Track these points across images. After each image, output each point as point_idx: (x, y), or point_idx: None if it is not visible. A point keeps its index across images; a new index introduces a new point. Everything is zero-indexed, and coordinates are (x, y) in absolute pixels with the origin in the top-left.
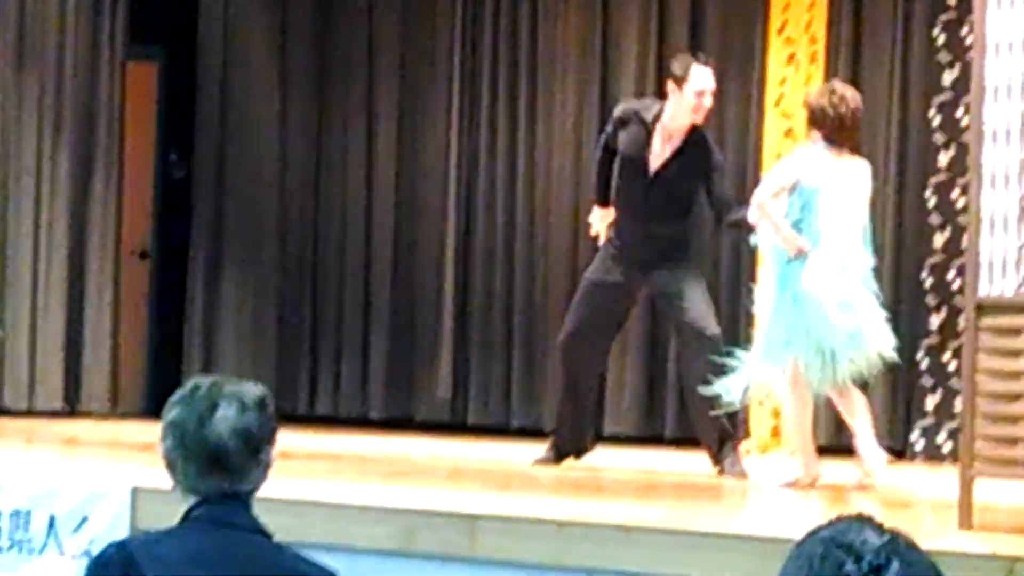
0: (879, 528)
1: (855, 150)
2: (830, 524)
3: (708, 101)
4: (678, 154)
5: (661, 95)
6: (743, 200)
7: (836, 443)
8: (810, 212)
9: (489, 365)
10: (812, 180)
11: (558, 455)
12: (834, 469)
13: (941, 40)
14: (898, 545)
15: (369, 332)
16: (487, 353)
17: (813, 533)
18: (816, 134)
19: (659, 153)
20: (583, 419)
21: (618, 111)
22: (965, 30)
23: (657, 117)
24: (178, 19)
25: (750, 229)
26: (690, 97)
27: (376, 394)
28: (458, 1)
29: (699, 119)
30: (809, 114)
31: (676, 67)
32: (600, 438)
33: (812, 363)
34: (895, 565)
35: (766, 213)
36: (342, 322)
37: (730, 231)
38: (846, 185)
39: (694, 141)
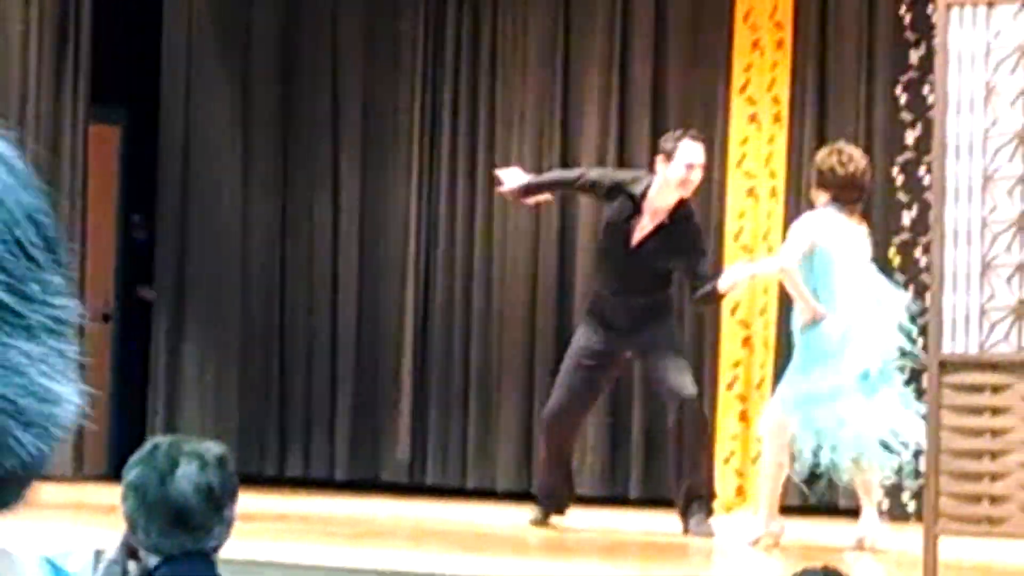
0: None
1: (860, 211)
2: None
3: (696, 176)
4: (662, 229)
5: (621, 151)
6: (717, 273)
7: (804, 503)
8: (827, 275)
9: (447, 426)
10: (826, 243)
11: (546, 515)
12: (800, 528)
13: (903, 99)
14: None
15: (335, 393)
16: (445, 414)
17: None
18: (823, 196)
19: (644, 227)
20: (567, 483)
21: (608, 181)
22: (926, 89)
23: (645, 191)
24: (140, 80)
25: (720, 299)
26: (679, 170)
27: (341, 455)
28: (419, 59)
29: (686, 193)
30: (817, 175)
31: (666, 142)
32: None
33: (804, 442)
34: None
35: (791, 279)
36: (310, 383)
37: (699, 303)
38: (857, 246)
39: (681, 218)
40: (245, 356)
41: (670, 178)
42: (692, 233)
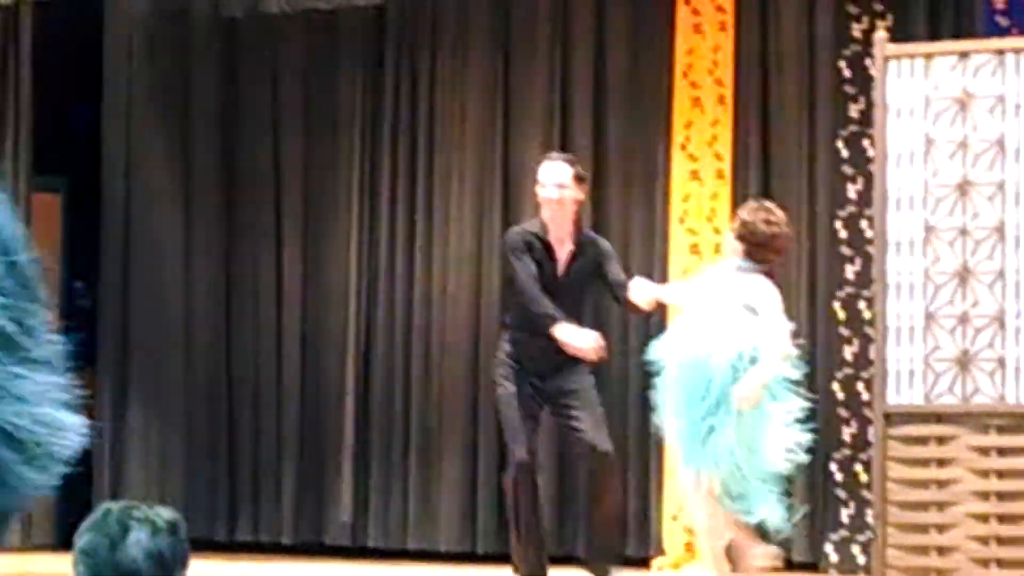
0: None
1: (773, 273)
2: None
3: (553, 193)
4: (575, 257)
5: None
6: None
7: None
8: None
9: (388, 488)
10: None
11: None
12: None
13: (845, 153)
14: None
15: (281, 456)
16: (386, 476)
17: None
18: (740, 249)
19: (560, 260)
20: (543, 543)
21: (516, 239)
22: (867, 142)
23: (544, 229)
24: (80, 149)
25: (638, 310)
26: (539, 190)
27: (288, 519)
28: (357, 121)
29: (555, 210)
30: (741, 230)
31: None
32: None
33: (727, 490)
34: None
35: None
36: (256, 446)
37: (631, 310)
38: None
39: (584, 241)
40: (190, 421)
41: (540, 201)
42: (596, 244)
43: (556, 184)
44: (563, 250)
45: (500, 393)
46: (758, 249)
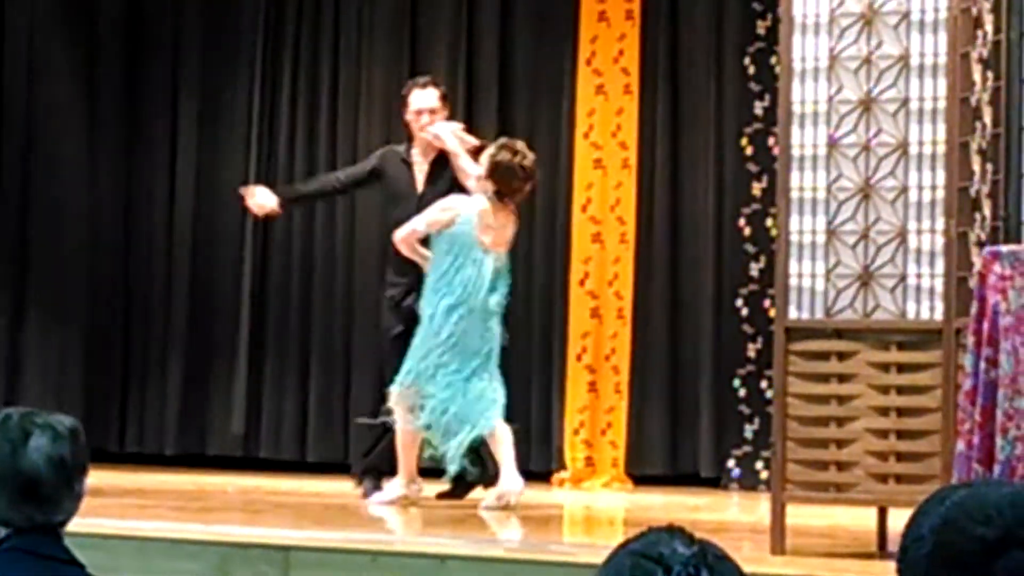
0: (689, 539)
1: (517, 210)
2: (641, 536)
3: (426, 119)
4: (431, 177)
5: (469, 127)
6: None
7: None
8: (463, 259)
9: (282, 399)
10: (472, 228)
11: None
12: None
13: (752, 70)
14: (707, 555)
15: (167, 369)
16: (280, 389)
17: (623, 545)
18: (489, 185)
19: (420, 181)
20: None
21: (375, 160)
22: (773, 59)
23: (408, 151)
24: None
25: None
26: (412, 118)
27: (170, 430)
28: (260, 33)
29: (430, 138)
30: (490, 167)
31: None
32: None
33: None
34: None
35: (411, 243)
36: (146, 359)
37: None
38: (500, 240)
39: (441, 162)
40: (88, 330)
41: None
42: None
43: (431, 111)
44: (421, 173)
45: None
46: (503, 182)
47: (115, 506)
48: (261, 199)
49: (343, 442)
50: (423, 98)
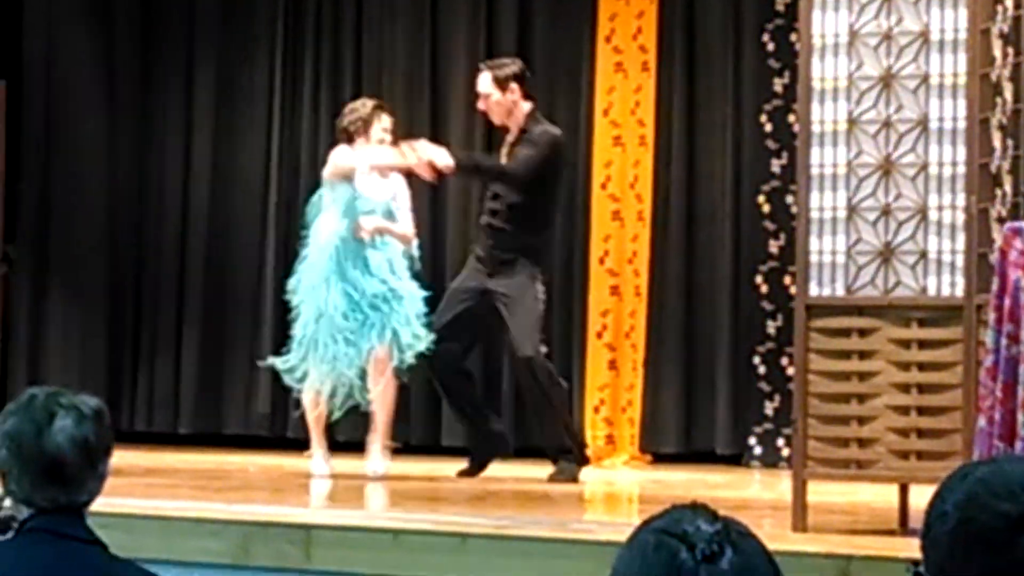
0: (713, 516)
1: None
2: (664, 513)
3: (481, 105)
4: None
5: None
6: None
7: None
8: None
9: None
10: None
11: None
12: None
13: (771, 47)
14: (731, 533)
15: (183, 348)
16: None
17: (646, 523)
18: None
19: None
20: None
21: None
22: (793, 36)
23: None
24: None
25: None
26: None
27: (186, 409)
28: (280, 23)
29: (494, 118)
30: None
31: None
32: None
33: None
34: (728, 553)
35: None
36: (162, 338)
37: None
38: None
39: (517, 141)
40: (109, 312)
41: None
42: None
43: (484, 96)
44: (505, 144)
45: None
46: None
47: (137, 485)
48: (434, 154)
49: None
50: (478, 82)
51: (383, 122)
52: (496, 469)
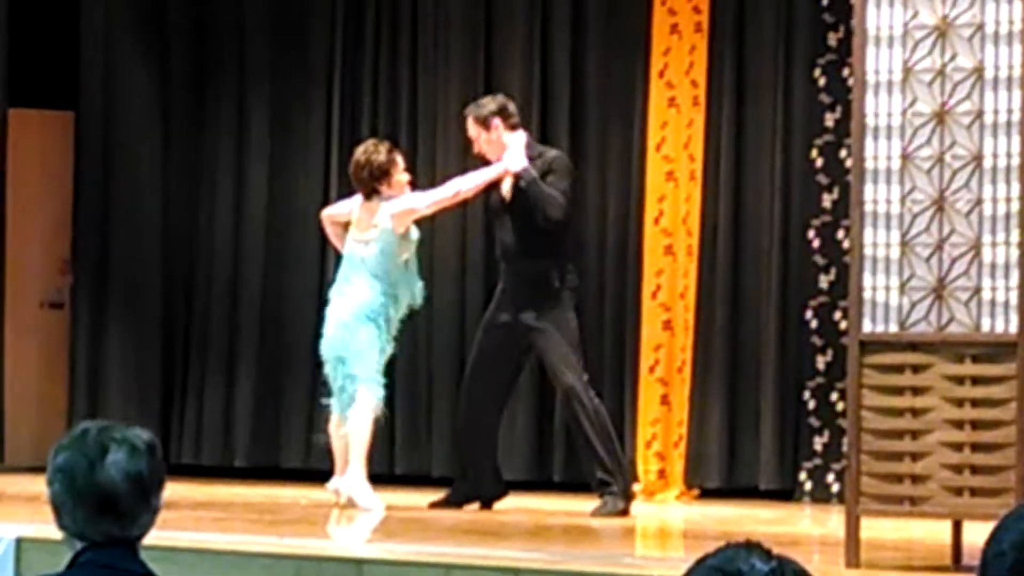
0: (767, 554)
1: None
2: (718, 552)
3: (476, 149)
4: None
5: (543, 140)
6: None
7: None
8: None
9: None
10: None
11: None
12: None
13: (822, 82)
14: (785, 571)
15: (235, 382)
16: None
17: (701, 561)
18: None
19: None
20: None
21: None
22: (845, 71)
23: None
24: (59, 73)
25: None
26: None
27: (241, 442)
28: (337, 53)
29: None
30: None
31: None
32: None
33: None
34: None
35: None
36: (220, 373)
37: None
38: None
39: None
40: (165, 347)
41: None
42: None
43: (472, 138)
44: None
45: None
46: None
47: (189, 519)
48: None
49: (428, 453)
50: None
51: (400, 164)
52: (548, 503)
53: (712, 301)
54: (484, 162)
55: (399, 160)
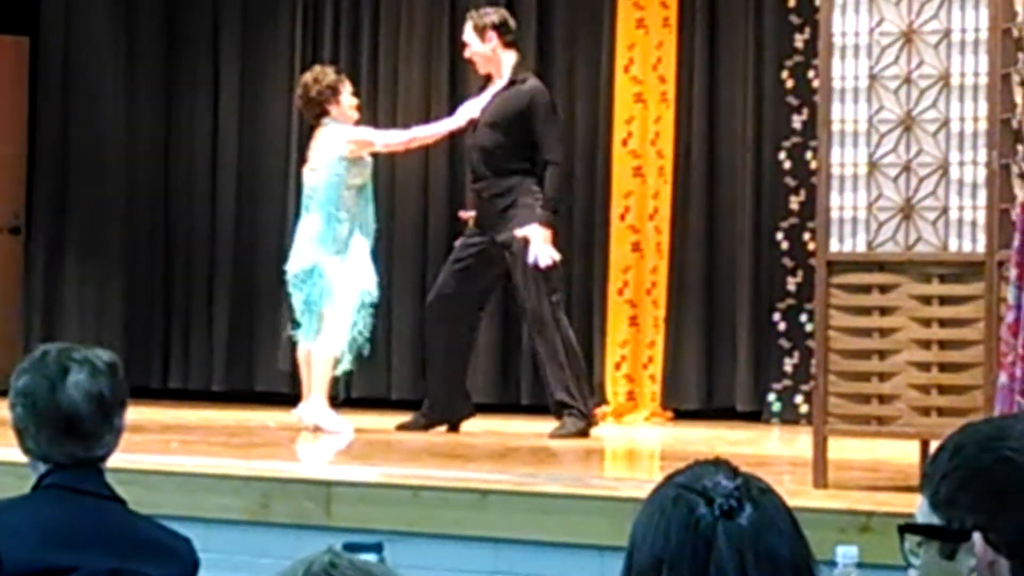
0: (733, 472)
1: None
2: (686, 469)
3: (466, 53)
4: (487, 106)
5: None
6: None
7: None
8: None
9: None
10: None
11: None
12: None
13: (792, 2)
14: (751, 488)
15: (213, 306)
16: None
17: (668, 479)
18: None
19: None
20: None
21: None
22: None
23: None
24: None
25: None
26: None
27: (219, 367)
28: None
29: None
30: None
31: None
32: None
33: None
34: (747, 509)
35: None
36: (190, 296)
37: None
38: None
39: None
40: (128, 270)
41: None
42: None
43: (466, 43)
44: (488, 94)
45: None
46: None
47: (157, 442)
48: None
49: (386, 377)
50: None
51: (348, 87)
52: (515, 425)
53: (686, 223)
54: (472, 68)
55: (347, 83)
